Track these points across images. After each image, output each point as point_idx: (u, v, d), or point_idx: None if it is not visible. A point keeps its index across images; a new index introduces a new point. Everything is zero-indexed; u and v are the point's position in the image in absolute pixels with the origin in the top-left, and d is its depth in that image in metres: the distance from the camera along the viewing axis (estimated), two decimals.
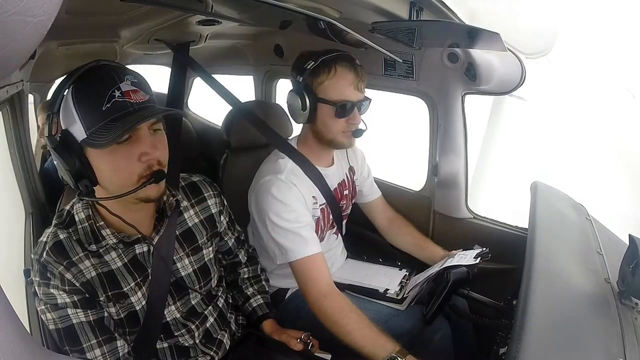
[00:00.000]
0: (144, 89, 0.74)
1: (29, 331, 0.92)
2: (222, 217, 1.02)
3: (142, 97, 0.74)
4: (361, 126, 1.15)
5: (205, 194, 0.98)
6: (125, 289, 0.84)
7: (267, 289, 1.17)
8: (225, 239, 1.06)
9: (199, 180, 1.00)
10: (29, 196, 1.27)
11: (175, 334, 0.93)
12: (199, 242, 0.95)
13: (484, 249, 1.14)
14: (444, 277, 1.05)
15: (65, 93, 0.72)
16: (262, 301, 1.11)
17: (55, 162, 0.76)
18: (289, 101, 1.16)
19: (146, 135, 0.75)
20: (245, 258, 1.14)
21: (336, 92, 1.09)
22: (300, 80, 1.11)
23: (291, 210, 1.10)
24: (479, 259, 1.06)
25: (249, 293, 1.12)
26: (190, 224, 0.94)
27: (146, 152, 0.74)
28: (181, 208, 0.93)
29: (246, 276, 1.14)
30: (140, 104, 0.73)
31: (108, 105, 0.70)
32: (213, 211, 0.98)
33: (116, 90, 0.71)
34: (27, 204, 1.27)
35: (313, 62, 1.10)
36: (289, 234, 1.09)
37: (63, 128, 0.73)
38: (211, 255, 0.98)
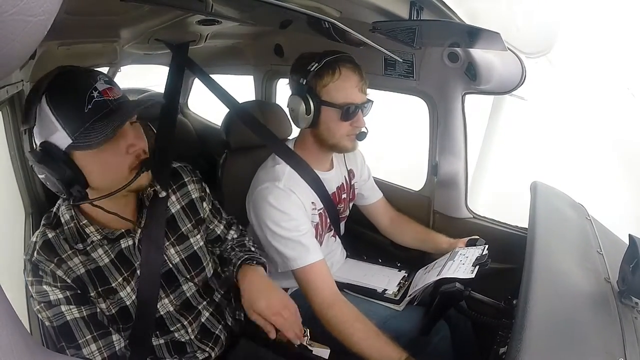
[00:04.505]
0: (116, 86, 0.77)
1: (29, 331, 0.92)
2: (204, 204, 1.01)
3: (118, 93, 0.76)
4: (364, 128, 1.13)
5: (186, 179, 0.98)
6: (113, 285, 0.85)
7: (253, 249, 1.07)
8: (212, 226, 1.05)
9: (179, 166, 1.00)
10: (28, 196, 1.27)
11: (171, 329, 0.93)
12: (183, 229, 0.95)
13: (485, 245, 1.15)
14: (438, 293, 1.05)
15: (38, 105, 0.72)
16: (245, 256, 0.99)
17: (41, 177, 0.76)
18: (290, 105, 1.12)
19: (129, 129, 0.78)
20: (236, 235, 1.10)
21: (341, 94, 1.07)
22: (304, 82, 1.07)
23: (291, 219, 1.08)
24: (476, 268, 1.05)
25: (232, 256, 1.02)
26: (172, 211, 0.95)
27: (132, 144, 0.77)
28: (162, 197, 0.92)
29: (229, 246, 1.08)
30: (118, 100, 0.75)
31: (90, 107, 0.71)
32: (194, 196, 0.98)
33: (94, 91, 0.72)
34: (27, 205, 1.27)
35: (316, 64, 1.06)
36: (290, 242, 1.07)
37: (42, 140, 0.73)
38: (201, 244, 0.98)
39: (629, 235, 0.86)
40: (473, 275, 1.03)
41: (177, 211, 0.95)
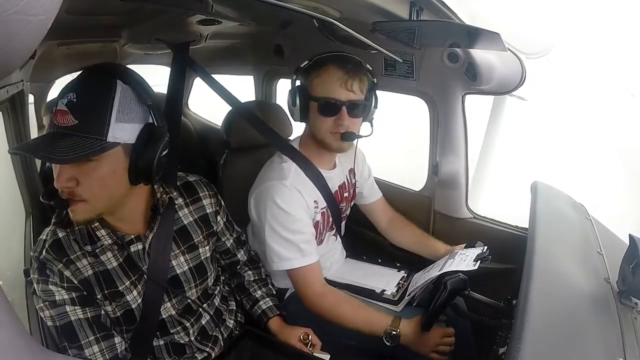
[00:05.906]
0: (79, 111, 0.68)
1: (29, 331, 0.92)
2: (218, 218, 1.01)
3: (69, 121, 0.67)
4: (353, 129, 1.12)
5: (201, 194, 0.98)
6: (120, 288, 0.84)
7: (274, 292, 1.17)
8: (223, 239, 1.06)
9: (195, 180, 0.99)
10: (29, 196, 1.26)
11: (171, 331, 0.93)
12: (195, 240, 0.95)
13: (485, 247, 1.15)
14: (441, 286, 1.05)
15: None
16: (271, 303, 1.12)
17: None
18: (287, 99, 1.18)
19: (63, 167, 0.70)
20: (245, 257, 1.14)
21: (322, 89, 1.09)
22: (295, 78, 1.15)
23: (295, 220, 1.09)
24: (478, 262, 1.05)
25: (257, 296, 1.12)
26: (185, 222, 0.94)
27: (60, 185, 0.70)
28: (176, 206, 0.93)
29: (252, 279, 1.15)
30: (61, 129, 0.68)
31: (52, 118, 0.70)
32: (208, 211, 0.98)
33: (56, 105, 0.69)
34: (27, 204, 1.27)
35: (308, 62, 1.12)
36: (290, 244, 1.09)
37: None
38: (208, 255, 0.98)
39: (629, 235, 0.86)
40: (476, 267, 1.04)
41: (190, 223, 0.95)
